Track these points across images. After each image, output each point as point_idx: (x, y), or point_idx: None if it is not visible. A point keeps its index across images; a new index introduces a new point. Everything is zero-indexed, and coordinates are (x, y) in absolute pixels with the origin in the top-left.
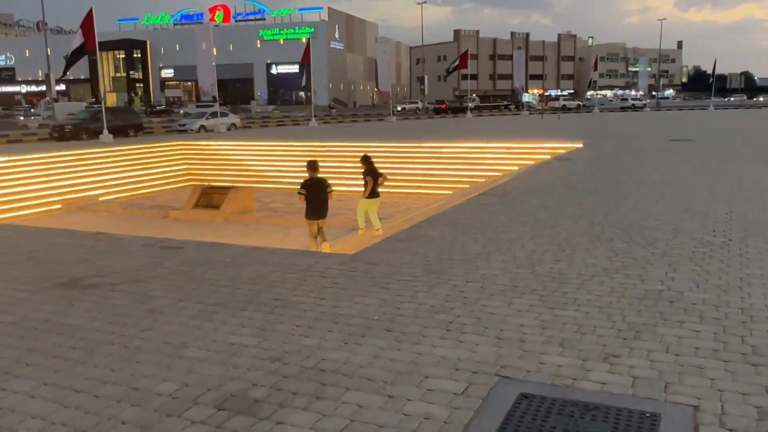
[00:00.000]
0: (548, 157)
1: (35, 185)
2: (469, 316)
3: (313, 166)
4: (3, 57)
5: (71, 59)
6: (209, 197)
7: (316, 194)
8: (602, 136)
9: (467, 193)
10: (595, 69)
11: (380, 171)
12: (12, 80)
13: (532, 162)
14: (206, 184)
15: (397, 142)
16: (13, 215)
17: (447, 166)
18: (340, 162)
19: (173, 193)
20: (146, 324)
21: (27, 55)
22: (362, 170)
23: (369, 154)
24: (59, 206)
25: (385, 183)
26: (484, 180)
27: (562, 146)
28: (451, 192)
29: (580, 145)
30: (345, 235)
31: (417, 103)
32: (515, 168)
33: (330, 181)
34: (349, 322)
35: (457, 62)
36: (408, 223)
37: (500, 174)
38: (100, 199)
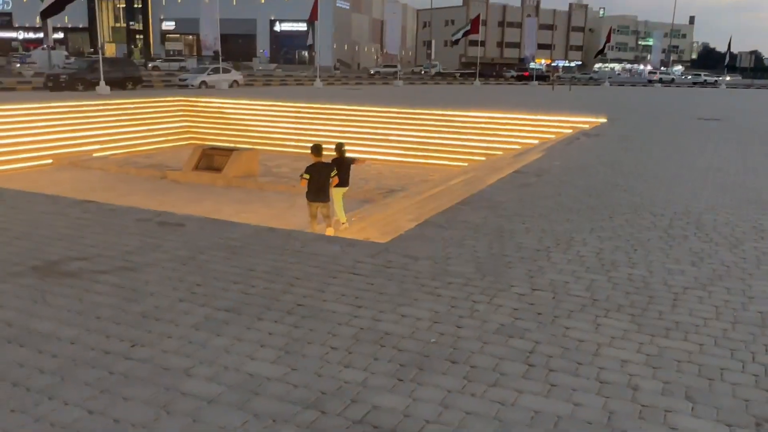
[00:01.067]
0: (570, 131)
1: (25, 137)
2: (551, 344)
3: (317, 150)
4: (1, 2)
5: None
6: (210, 159)
7: (317, 178)
8: (624, 111)
9: (496, 169)
10: (608, 41)
11: (352, 157)
12: (9, 26)
13: (552, 136)
14: (207, 144)
15: (407, 108)
16: (6, 168)
17: (460, 135)
18: (348, 126)
19: (172, 151)
20: (137, 335)
21: (24, 1)
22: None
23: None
24: (50, 161)
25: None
26: (501, 153)
27: (584, 120)
28: (466, 164)
29: (604, 120)
30: (359, 208)
31: (396, 67)
32: (535, 142)
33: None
34: (398, 344)
35: (468, 27)
36: (435, 202)
37: (519, 147)
38: (94, 155)
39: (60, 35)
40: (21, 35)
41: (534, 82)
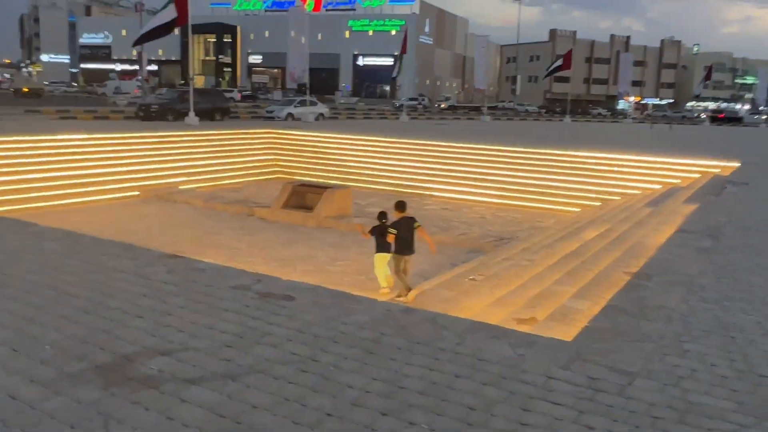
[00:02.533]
0: (698, 176)
1: (113, 167)
2: None
3: (402, 206)
4: (102, 35)
5: (155, 30)
6: (301, 197)
7: (405, 233)
8: (750, 154)
9: (638, 222)
10: (708, 78)
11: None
12: (108, 58)
13: (677, 180)
14: (296, 180)
15: (506, 147)
16: (86, 200)
17: (569, 177)
18: (443, 164)
19: (259, 185)
20: None
21: (123, 34)
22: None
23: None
24: (137, 193)
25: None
26: (619, 198)
27: (715, 164)
28: (578, 209)
29: (737, 164)
30: (471, 259)
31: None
32: (657, 187)
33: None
34: None
35: (560, 63)
36: (590, 268)
37: (639, 192)
38: (180, 187)
39: (154, 67)
40: (118, 67)
41: (628, 120)
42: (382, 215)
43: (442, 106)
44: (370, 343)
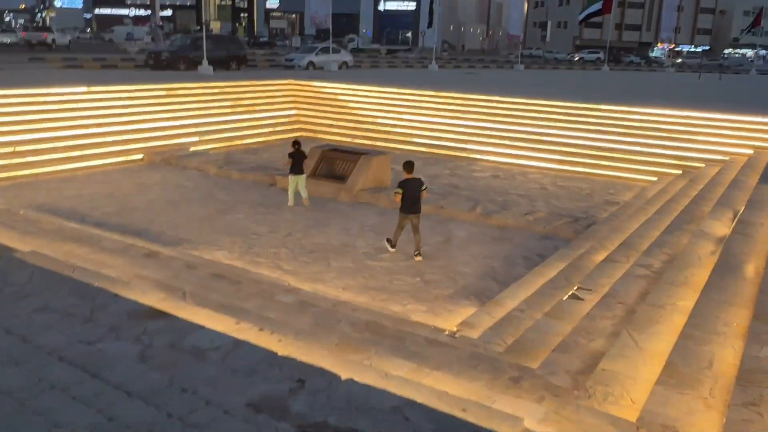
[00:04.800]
0: None
1: (114, 126)
2: None
3: (410, 166)
4: None
5: None
6: (331, 164)
7: (411, 193)
8: None
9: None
10: (758, 23)
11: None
12: (121, 3)
13: None
14: (320, 140)
15: (555, 101)
16: (82, 166)
17: (640, 140)
18: (488, 120)
19: (280, 145)
20: None
21: None
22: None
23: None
24: (141, 156)
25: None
26: (703, 166)
27: None
28: (655, 178)
29: None
30: (548, 250)
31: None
32: (748, 152)
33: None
34: None
35: (598, 6)
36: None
37: (727, 158)
38: (191, 149)
39: (168, 12)
40: (132, 12)
41: (668, 68)
42: (295, 143)
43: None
44: None
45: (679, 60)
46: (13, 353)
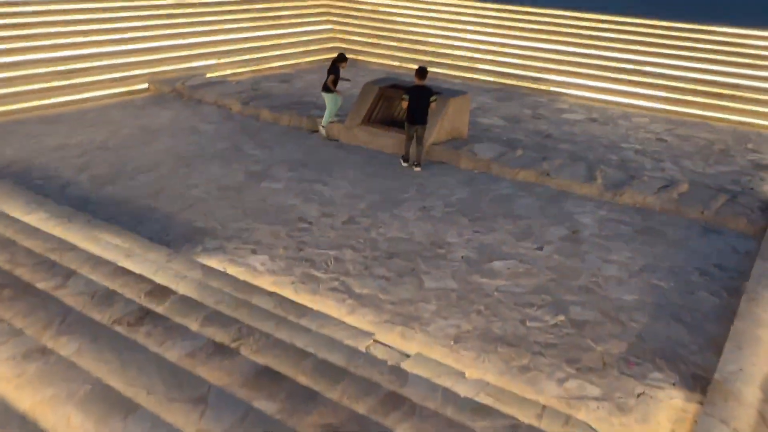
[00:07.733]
0: None
1: (114, 45)
2: None
3: (422, 73)
4: None
5: None
6: (392, 105)
7: (417, 101)
8: None
9: None
10: None
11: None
12: None
13: None
14: (363, 61)
15: (658, 20)
16: (72, 99)
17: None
18: (573, 44)
19: (315, 68)
20: None
21: None
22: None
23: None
24: (146, 86)
25: None
26: None
27: None
28: None
29: None
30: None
31: None
32: None
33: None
34: None
35: None
36: None
37: None
38: (208, 75)
39: None
40: None
41: None
42: (341, 57)
43: None
44: None
45: None
46: None
